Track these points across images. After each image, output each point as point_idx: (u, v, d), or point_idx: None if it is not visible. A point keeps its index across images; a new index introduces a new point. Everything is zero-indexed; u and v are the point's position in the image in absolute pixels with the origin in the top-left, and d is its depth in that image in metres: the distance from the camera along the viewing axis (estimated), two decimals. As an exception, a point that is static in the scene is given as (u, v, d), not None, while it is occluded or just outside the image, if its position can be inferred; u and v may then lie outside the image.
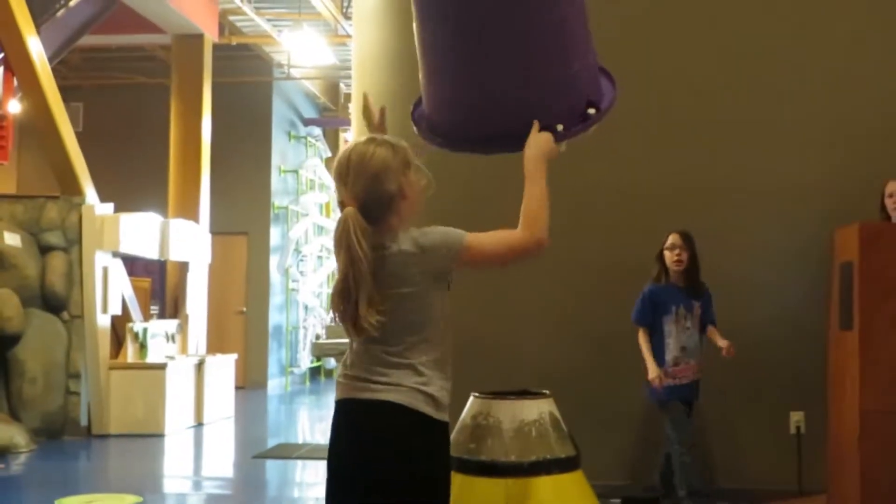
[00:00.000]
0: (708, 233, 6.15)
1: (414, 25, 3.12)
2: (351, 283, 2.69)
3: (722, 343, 5.62)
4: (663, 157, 6.26)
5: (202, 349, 12.25)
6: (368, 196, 2.75)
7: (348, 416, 2.79)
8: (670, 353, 5.56)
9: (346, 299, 2.70)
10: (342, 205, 2.79)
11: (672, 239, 5.65)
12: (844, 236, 5.54)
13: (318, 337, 17.22)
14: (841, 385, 5.55)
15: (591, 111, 3.12)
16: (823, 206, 6.06)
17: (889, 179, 5.60)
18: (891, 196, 5.54)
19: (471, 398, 3.75)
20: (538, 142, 2.95)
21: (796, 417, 6.09)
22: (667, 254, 5.66)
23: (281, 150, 16.95)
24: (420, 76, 3.20)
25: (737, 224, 6.20)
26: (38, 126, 10.39)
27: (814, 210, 6.11)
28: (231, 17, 14.66)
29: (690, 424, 5.63)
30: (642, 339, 5.62)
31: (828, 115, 6.20)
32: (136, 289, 11.20)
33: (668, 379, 5.53)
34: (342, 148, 2.87)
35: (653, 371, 5.52)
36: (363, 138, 2.87)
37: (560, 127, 3.01)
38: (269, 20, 14.07)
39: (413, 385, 2.72)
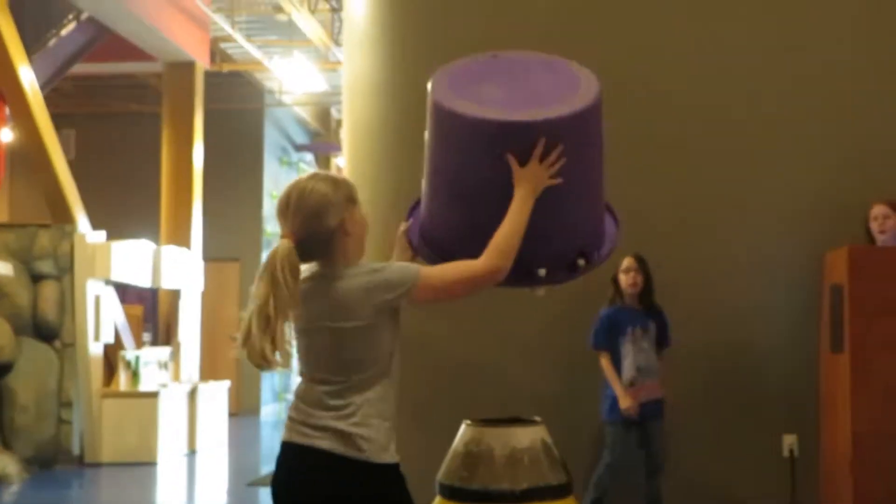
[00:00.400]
0: (699, 256, 6.17)
1: (425, 138, 3.08)
2: (271, 311, 2.67)
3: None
4: (652, 180, 6.28)
5: (195, 376, 12.24)
6: (306, 231, 2.71)
7: (286, 460, 2.76)
8: (627, 373, 5.65)
9: (264, 326, 2.67)
10: (282, 238, 2.74)
11: (627, 262, 5.74)
12: (834, 259, 5.57)
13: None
14: (833, 407, 5.56)
15: (581, 262, 3.03)
16: (815, 228, 6.08)
17: (874, 202, 5.64)
18: (875, 219, 5.60)
19: (462, 426, 3.75)
20: (536, 174, 2.84)
21: (789, 440, 6.09)
22: (622, 277, 5.77)
23: (273, 176, 16.98)
24: (423, 183, 3.13)
25: (728, 247, 6.21)
26: (30, 154, 10.41)
27: (806, 232, 6.13)
28: (222, 45, 14.73)
29: (655, 442, 5.73)
30: (606, 365, 5.70)
31: (820, 137, 6.22)
32: (128, 316, 11.19)
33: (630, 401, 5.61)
34: (288, 186, 2.81)
35: (624, 401, 5.59)
36: (306, 174, 2.82)
37: (542, 272, 2.94)
38: (259, 47, 14.13)
39: (346, 428, 2.64)
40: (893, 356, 5.25)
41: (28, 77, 10.18)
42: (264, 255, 13.21)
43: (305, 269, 2.78)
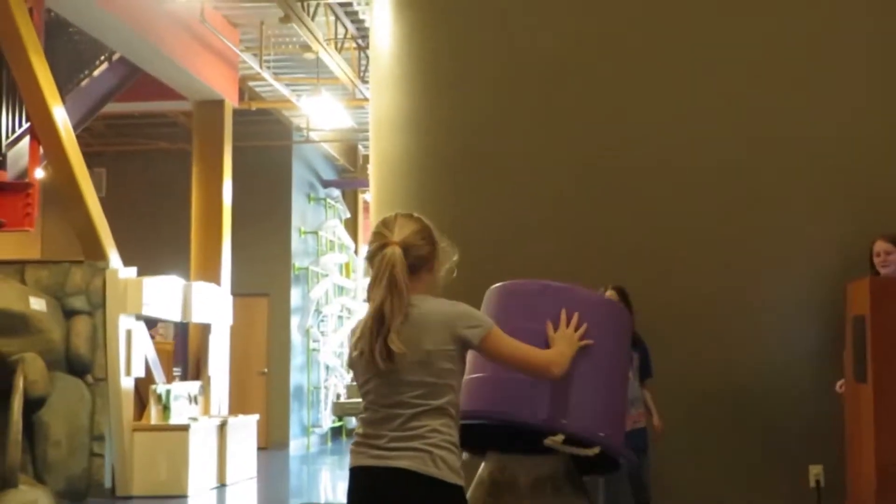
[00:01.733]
0: (724, 288, 6.23)
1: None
2: (387, 310, 2.88)
3: (655, 422, 5.92)
4: (681, 212, 6.34)
5: (224, 410, 12.34)
6: (411, 243, 2.99)
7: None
8: None
9: (377, 326, 2.89)
10: (382, 246, 2.98)
11: (609, 297, 5.80)
12: (856, 290, 5.61)
13: (338, 396, 17.28)
14: (858, 438, 5.58)
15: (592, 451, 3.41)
16: (839, 259, 6.13)
17: (876, 237, 5.71)
18: (877, 255, 5.66)
19: (487, 453, 3.83)
20: (572, 340, 3.30)
21: (815, 471, 6.10)
22: None
23: (301, 212, 17.13)
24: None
25: (752, 278, 6.26)
26: (63, 192, 10.58)
27: (829, 263, 6.17)
28: (251, 83, 14.94)
29: (643, 474, 5.82)
30: None
31: (843, 168, 6.28)
32: (159, 351, 11.32)
33: None
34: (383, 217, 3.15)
35: None
36: (404, 212, 3.15)
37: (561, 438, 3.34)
38: (287, 85, 14.32)
39: (425, 448, 2.92)
40: (917, 386, 5.28)
41: (61, 117, 10.39)
42: (293, 291, 13.36)
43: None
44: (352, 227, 19.62)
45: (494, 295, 3.70)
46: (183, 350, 13.56)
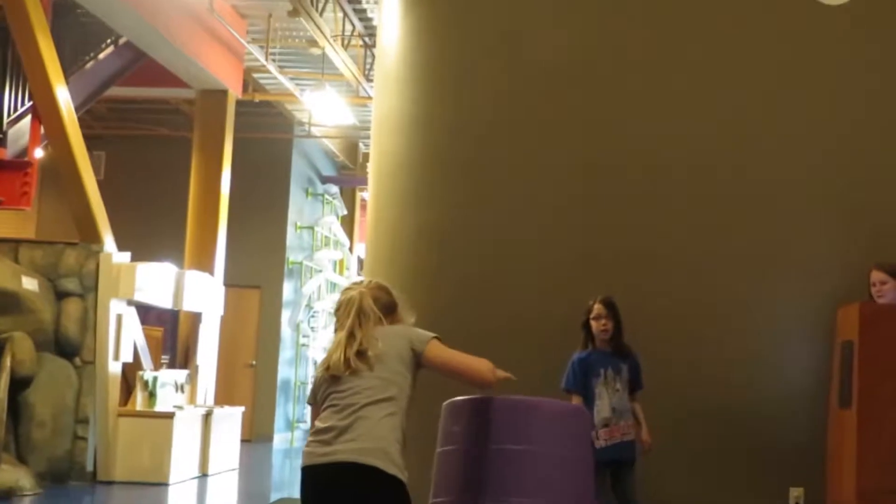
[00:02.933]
0: (713, 310, 6.25)
1: None
2: (356, 332, 3.43)
3: (644, 436, 5.87)
4: (668, 232, 6.36)
5: (210, 400, 12.33)
6: (376, 296, 3.56)
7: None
8: (601, 414, 5.69)
9: (350, 340, 3.41)
10: (350, 290, 3.61)
11: (597, 310, 5.83)
12: (846, 315, 5.63)
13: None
14: (839, 462, 5.61)
15: None
16: (828, 284, 6.15)
17: (872, 267, 5.72)
18: (873, 285, 5.68)
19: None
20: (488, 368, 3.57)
21: (796, 493, 6.13)
22: (593, 323, 5.86)
23: (298, 207, 17.14)
24: None
25: (741, 299, 6.28)
26: (62, 173, 10.57)
27: (818, 288, 6.20)
28: (255, 75, 14.95)
29: (628, 487, 5.80)
30: None
31: (834, 192, 6.30)
32: (148, 337, 11.31)
33: (599, 441, 5.64)
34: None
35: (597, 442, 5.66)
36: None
37: None
38: (292, 79, 14.33)
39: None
40: (901, 414, 5.30)
41: (64, 98, 10.38)
42: (286, 285, 13.40)
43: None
44: (348, 224, 19.63)
45: (455, 413, 3.88)
46: (172, 338, 13.56)
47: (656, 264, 6.36)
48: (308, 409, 16.94)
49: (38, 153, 10.93)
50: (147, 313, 12.16)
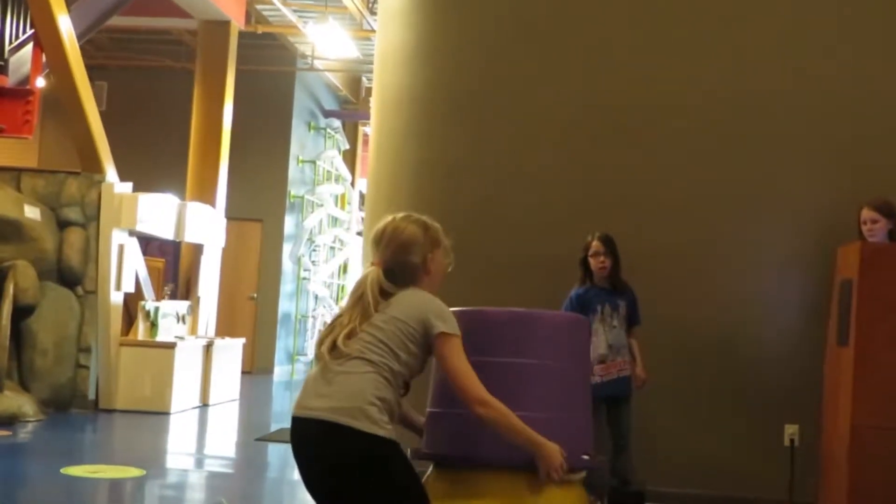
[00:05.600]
0: (710, 247, 6.27)
1: None
2: (355, 319, 3.08)
3: (638, 371, 5.91)
4: (664, 172, 6.37)
5: (211, 332, 12.41)
6: (394, 262, 3.15)
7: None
8: (597, 350, 5.74)
9: (350, 335, 3.07)
10: (372, 265, 3.18)
11: (595, 246, 5.87)
12: (846, 254, 5.65)
13: (325, 325, 17.36)
14: (835, 399, 5.66)
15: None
16: (827, 223, 6.16)
17: (864, 205, 5.72)
18: (864, 223, 5.68)
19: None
20: (552, 453, 3.14)
21: (791, 430, 6.19)
22: (591, 260, 5.89)
23: (300, 140, 17.10)
24: None
25: (739, 237, 6.31)
26: (64, 103, 10.54)
27: (818, 227, 6.21)
28: (258, 6, 14.83)
29: (623, 421, 5.85)
30: None
31: (835, 132, 6.30)
32: (150, 268, 11.36)
33: (595, 377, 5.66)
34: (382, 221, 3.26)
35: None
36: (401, 214, 3.25)
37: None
38: (295, 11, 14.22)
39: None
40: (898, 353, 5.34)
41: (66, 26, 10.31)
42: (287, 219, 13.44)
43: None
44: (350, 158, 19.59)
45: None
46: (174, 269, 13.61)
47: (655, 203, 6.38)
48: (310, 343, 17.08)
49: (40, 82, 10.87)
50: (148, 244, 12.20)
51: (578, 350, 3.59)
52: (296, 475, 8.01)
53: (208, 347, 11.51)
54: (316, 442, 3.02)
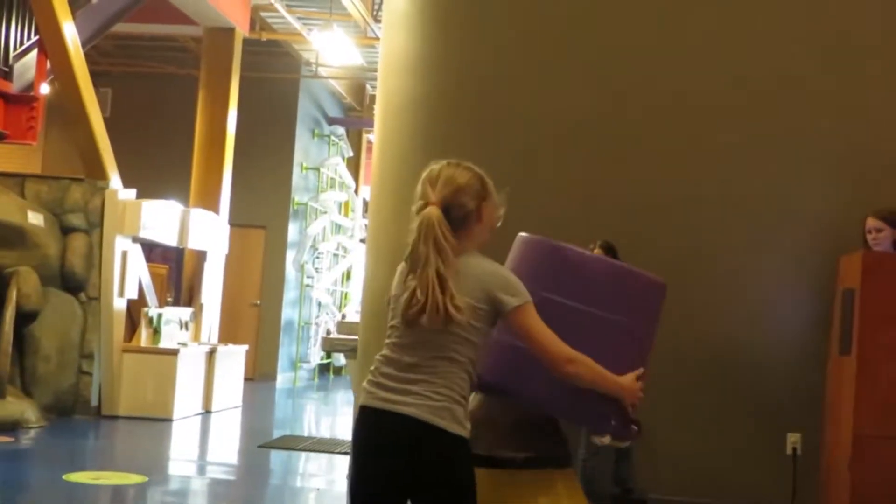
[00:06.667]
0: (712, 253, 6.27)
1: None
2: (443, 270, 2.91)
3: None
4: (667, 180, 6.36)
5: (214, 338, 12.42)
6: (451, 203, 3.03)
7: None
8: None
9: (443, 287, 2.90)
10: (424, 206, 3.03)
11: (596, 252, 5.85)
12: (848, 263, 5.65)
13: (328, 333, 17.38)
14: (837, 408, 5.66)
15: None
16: (830, 232, 6.16)
17: (868, 213, 5.72)
18: (869, 232, 5.68)
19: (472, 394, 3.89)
20: (631, 386, 3.26)
21: (793, 438, 6.18)
22: None
23: (304, 147, 17.12)
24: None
25: (742, 246, 6.29)
26: (68, 109, 10.57)
27: (820, 236, 6.20)
28: (263, 13, 14.86)
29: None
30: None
31: (838, 140, 6.29)
32: (153, 275, 11.38)
33: None
34: (433, 165, 3.16)
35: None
36: (453, 161, 3.16)
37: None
38: (299, 18, 14.24)
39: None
40: (900, 362, 5.34)
41: (70, 33, 10.34)
42: (291, 226, 13.41)
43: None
44: (354, 166, 19.61)
45: (535, 249, 3.54)
46: (177, 276, 13.63)
47: (657, 212, 6.36)
48: (313, 350, 17.06)
49: (45, 88, 10.91)
50: (152, 251, 12.22)
51: (656, 317, 3.58)
52: (298, 482, 8.05)
53: (211, 354, 11.52)
54: (399, 438, 2.93)
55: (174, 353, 10.64)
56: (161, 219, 10.92)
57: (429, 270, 2.91)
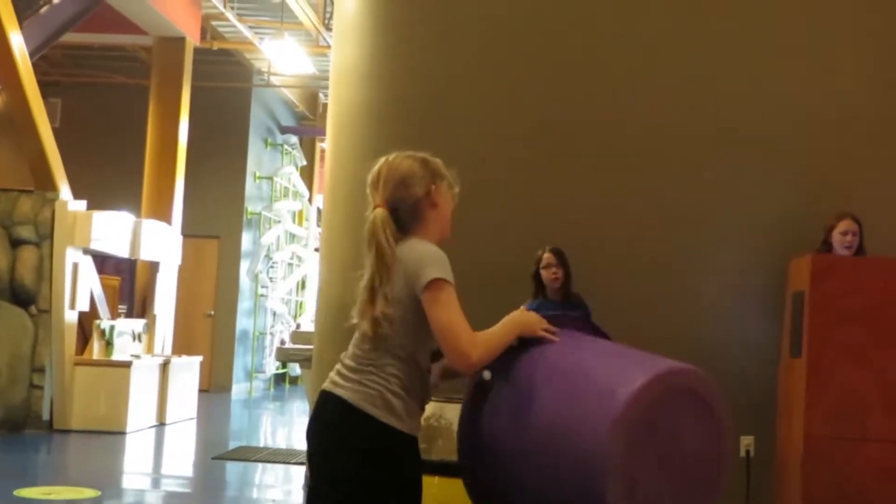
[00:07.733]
0: (665, 257, 6.31)
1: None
2: (376, 281, 2.82)
3: None
4: (618, 187, 6.40)
5: (168, 350, 12.32)
6: (397, 197, 2.92)
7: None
8: None
9: (371, 296, 2.81)
10: (374, 208, 2.95)
11: (547, 258, 5.91)
12: (797, 267, 5.71)
13: (283, 343, 17.30)
14: (789, 410, 5.72)
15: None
16: (783, 235, 6.22)
17: (843, 216, 5.73)
18: (844, 234, 5.65)
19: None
20: (528, 317, 3.04)
21: (746, 441, 6.23)
22: (543, 273, 5.92)
23: (257, 156, 17.04)
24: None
25: (694, 250, 6.34)
26: (16, 120, 10.45)
27: (773, 239, 6.26)
28: (213, 22, 14.78)
29: None
30: None
31: (792, 144, 6.36)
32: (105, 286, 11.27)
33: None
34: (376, 163, 3.05)
35: None
36: (392, 154, 3.05)
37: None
38: (250, 27, 14.18)
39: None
40: (849, 363, 5.40)
41: (18, 43, 10.23)
42: (244, 236, 13.30)
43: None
44: (307, 174, 19.55)
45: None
46: (129, 287, 13.50)
47: (610, 217, 6.39)
48: (268, 360, 16.98)
49: (-8, 99, 10.77)
50: (104, 262, 12.10)
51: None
52: (254, 494, 8.00)
53: (165, 366, 11.42)
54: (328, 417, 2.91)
55: (127, 365, 10.54)
56: (112, 230, 10.82)
57: (363, 283, 2.87)
